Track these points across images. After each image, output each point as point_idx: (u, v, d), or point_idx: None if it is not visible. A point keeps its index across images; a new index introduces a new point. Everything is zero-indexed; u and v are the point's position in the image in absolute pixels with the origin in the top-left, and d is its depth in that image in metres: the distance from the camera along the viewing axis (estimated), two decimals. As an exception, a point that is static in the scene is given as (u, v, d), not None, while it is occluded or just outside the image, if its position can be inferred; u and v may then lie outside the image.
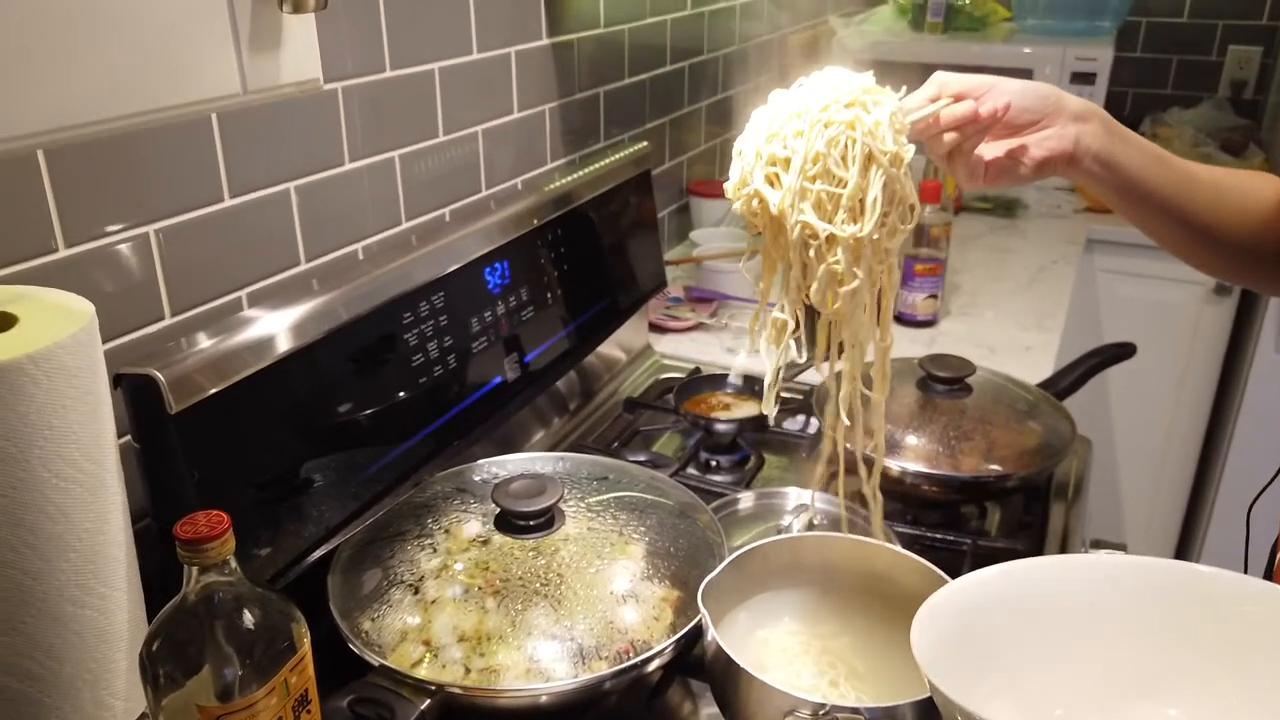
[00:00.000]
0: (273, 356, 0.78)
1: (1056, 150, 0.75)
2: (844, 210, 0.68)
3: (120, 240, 0.79)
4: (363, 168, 1.03)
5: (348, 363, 0.87)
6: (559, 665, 0.72)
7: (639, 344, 1.45)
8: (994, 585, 0.65)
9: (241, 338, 0.77)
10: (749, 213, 0.72)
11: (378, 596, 0.78)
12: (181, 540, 0.53)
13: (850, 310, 0.70)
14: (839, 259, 0.68)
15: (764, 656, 0.73)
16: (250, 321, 0.79)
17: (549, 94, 1.34)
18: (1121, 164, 0.77)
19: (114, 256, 0.79)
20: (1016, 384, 1.12)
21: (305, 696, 0.59)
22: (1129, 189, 0.78)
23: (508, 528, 0.82)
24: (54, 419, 0.58)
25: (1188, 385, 2.14)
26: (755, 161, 0.71)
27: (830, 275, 0.69)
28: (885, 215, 0.68)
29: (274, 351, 0.79)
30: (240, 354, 0.76)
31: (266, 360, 0.78)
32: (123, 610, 0.66)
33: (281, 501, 0.80)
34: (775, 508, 0.99)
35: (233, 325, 0.78)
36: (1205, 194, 0.81)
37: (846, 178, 0.68)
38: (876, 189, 0.67)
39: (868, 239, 0.68)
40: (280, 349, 0.79)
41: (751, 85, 2.12)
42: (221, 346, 0.74)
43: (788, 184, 0.68)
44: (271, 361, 0.78)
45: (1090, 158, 0.75)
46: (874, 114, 0.69)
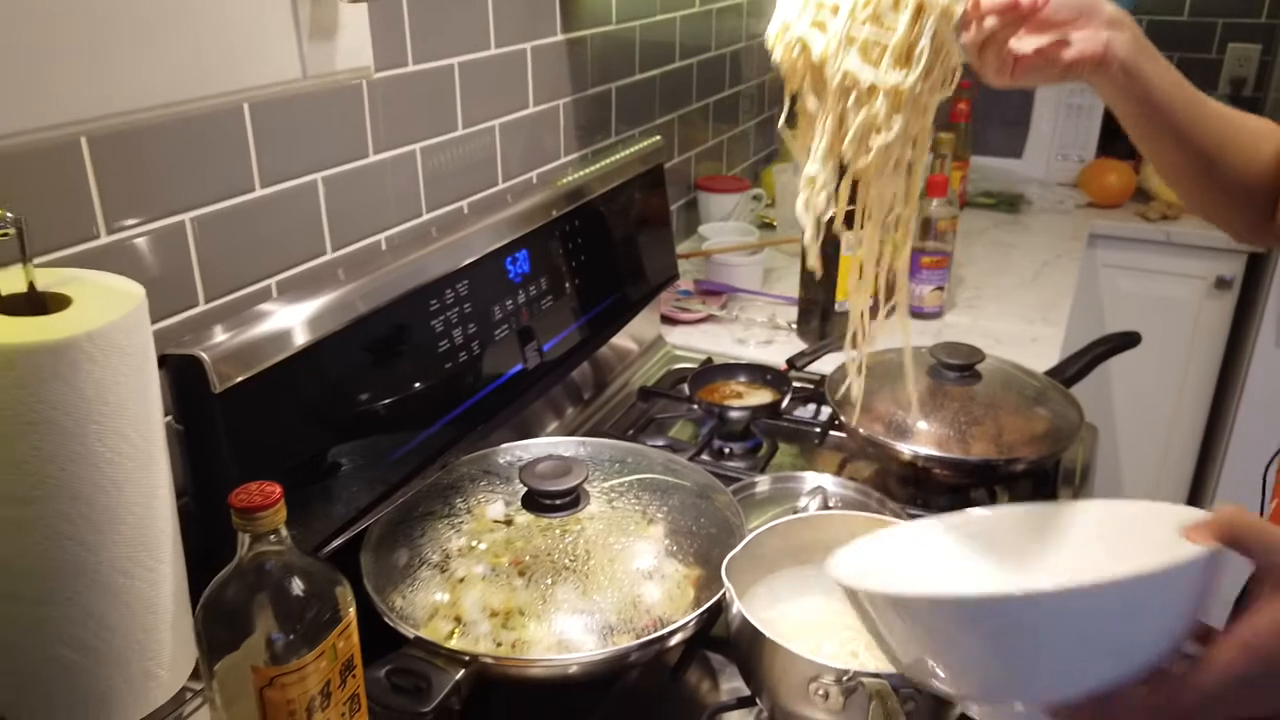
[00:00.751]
0: (304, 343, 0.81)
1: (1088, 52, 0.74)
2: (890, 57, 0.67)
3: (158, 228, 0.81)
4: (386, 160, 1.06)
5: (374, 350, 0.89)
6: (586, 639, 0.75)
7: (651, 335, 1.48)
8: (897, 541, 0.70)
9: (273, 325, 0.79)
10: (788, 61, 0.71)
11: (408, 574, 0.80)
12: (236, 508, 0.55)
13: (880, 165, 0.70)
14: (878, 108, 0.68)
15: (785, 630, 0.75)
16: (281, 310, 0.81)
17: (563, 89, 1.37)
18: (1147, 76, 0.77)
19: (152, 243, 0.81)
20: (1024, 371, 1.15)
21: (351, 662, 0.61)
22: (1147, 103, 0.79)
23: (534, 507, 0.84)
24: (109, 395, 0.61)
25: (1189, 378, 2.16)
26: (803, 6, 0.70)
27: (867, 124, 0.68)
28: (929, 70, 0.68)
29: (304, 338, 0.81)
30: (275, 339, 0.78)
31: (297, 346, 0.80)
32: (169, 583, 0.68)
33: (313, 482, 0.83)
34: (791, 491, 1.01)
35: (265, 312, 0.80)
36: (1214, 124, 0.82)
37: (896, 25, 0.67)
38: (926, 39, 0.67)
39: (910, 90, 0.67)
40: (310, 336, 0.81)
41: (758, 82, 2.15)
42: (256, 332, 0.77)
43: (836, 28, 0.67)
44: (303, 347, 0.81)
45: (1118, 65, 0.75)
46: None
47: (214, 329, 0.76)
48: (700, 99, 1.86)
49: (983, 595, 0.47)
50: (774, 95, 2.28)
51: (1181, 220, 2.13)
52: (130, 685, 0.67)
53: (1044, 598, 0.47)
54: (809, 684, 0.66)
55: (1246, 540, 0.47)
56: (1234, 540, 0.48)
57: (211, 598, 0.57)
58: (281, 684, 0.56)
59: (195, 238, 0.85)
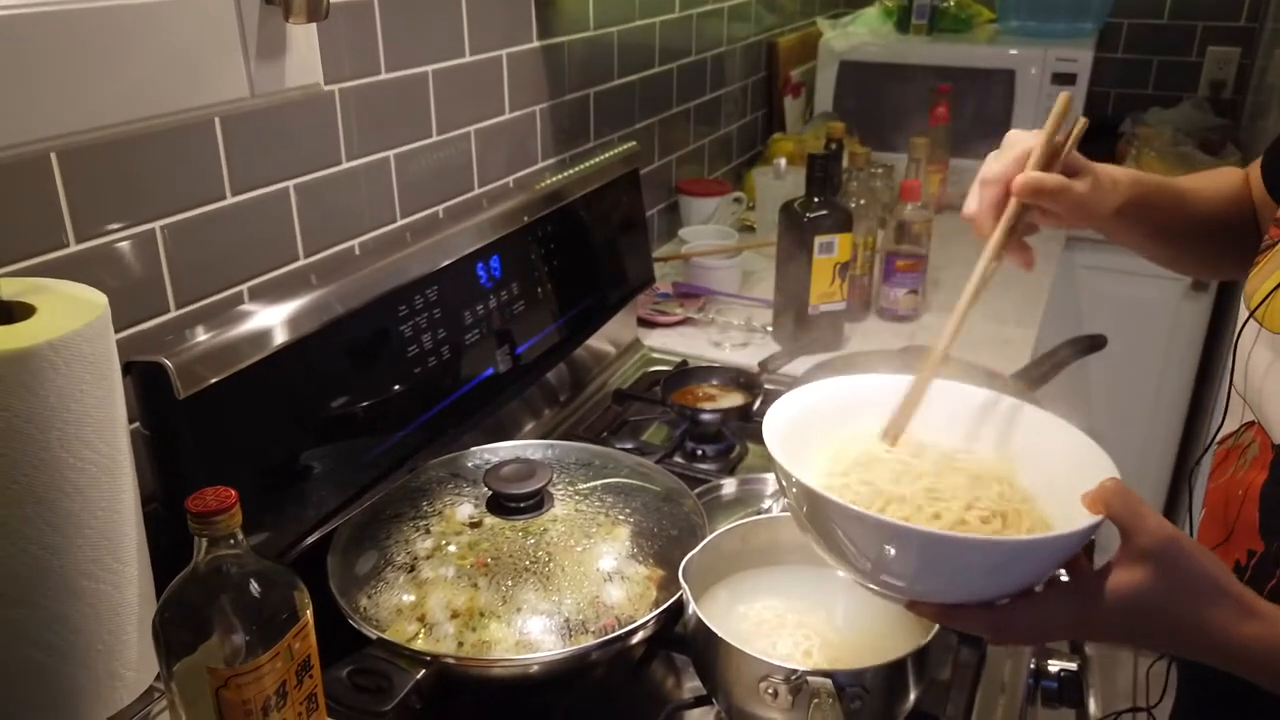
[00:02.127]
0: (273, 347, 0.82)
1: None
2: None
3: (128, 236, 0.83)
4: (359, 167, 1.07)
5: (345, 354, 0.91)
6: (547, 639, 0.76)
7: (628, 338, 1.49)
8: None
9: (244, 329, 0.81)
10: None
11: (374, 576, 0.82)
12: (192, 513, 0.57)
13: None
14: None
15: (742, 630, 0.77)
16: (252, 314, 0.83)
17: (540, 95, 1.38)
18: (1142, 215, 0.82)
19: (122, 252, 0.82)
20: (990, 374, 1.16)
21: (308, 662, 0.62)
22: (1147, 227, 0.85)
23: (499, 510, 0.86)
24: (72, 403, 0.62)
25: (1167, 380, 2.18)
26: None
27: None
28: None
29: (274, 343, 0.82)
30: (243, 345, 0.80)
31: (267, 351, 0.82)
32: (134, 585, 0.69)
33: (283, 485, 0.84)
34: (756, 493, 1.03)
35: (235, 317, 0.82)
36: (1192, 207, 0.87)
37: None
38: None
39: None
40: (280, 340, 0.83)
41: (739, 86, 2.17)
42: (225, 337, 0.78)
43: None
44: (272, 352, 0.82)
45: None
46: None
47: (182, 334, 0.77)
48: (681, 103, 1.88)
49: (907, 527, 0.57)
50: (756, 99, 2.29)
51: (1159, 223, 2.14)
52: (97, 686, 0.69)
53: (952, 541, 0.58)
54: (759, 683, 0.68)
55: (1121, 518, 0.58)
56: (1112, 515, 0.58)
57: (168, 601, 0.58)
58: (237, 684, 0.58)
59: (166, 245, 0.86)
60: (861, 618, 0.76)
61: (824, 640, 0.76)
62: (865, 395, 0.75)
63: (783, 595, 0.82)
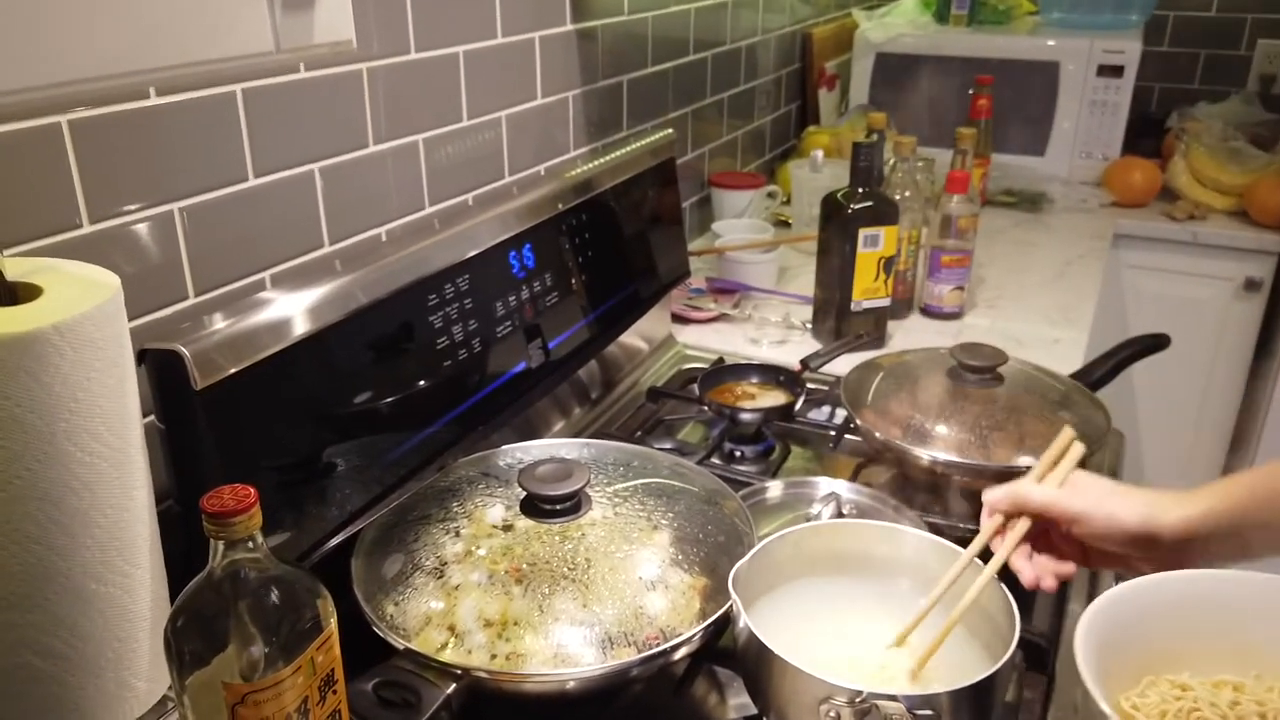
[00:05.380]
0: (296, 337, 0.77)
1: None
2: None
3: (144, 218, 0.78)
4: (386, 151, 1.02)
5: (370, 345, 0.86)
6: (585, 652, 0.71)
7: (661, 334, 1.44)
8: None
9: (264, 317, 0.76)
10: None
11: (401, 580, 0.77)
12: (208, 514, 0.52)
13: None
14: None
15: (796, 645, 0.71)
16: (273, 301, 0.78)
17: (572, 81, 1.33)
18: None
19: (138, 234, 0.78)
20: (1049, 374, 1.10)
21: (331, 676, 0.57)
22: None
23: (533, 512, 0.81)
24: (79, 392, 0.57)
25: (1215, 382, 2.10)
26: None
27: None
28: None
29: (297, 332, 0.78)
30: (263, 334, 0.75)
31: (290, 340, 0.77)
32: (146, 590, 0.65)
33: (304, 483, 0.79)
34: (804, 497, 0.97)
35: (256, 305, 0.77)
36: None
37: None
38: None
39: None
40: (303, 329, 0.78)
41: (773, 77, 2.11)
42: (245, 325, 0.73)
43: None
44: (294, 341, 0.77)
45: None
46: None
47: (200, 321, 0.73)
48: (715, 93, 1.82)
49: None
50: (790, 91, 2.23)
51: (1209, 220, 2.07)
52: (105, 696, 0.64)
53: None
54: (819, 705, 0.62)
55: None
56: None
57: (181, 608, 0.53)
58: (255, 701, 0.53)
59: (184, 228, 0.82)
60: (927, 636, 0.70)
61: (885, 660, 0.71)
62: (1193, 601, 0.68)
63: (838, 608, 0.77)
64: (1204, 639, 0.68)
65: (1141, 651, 0.67)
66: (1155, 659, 0.67)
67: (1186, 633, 0.68)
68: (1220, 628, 0.68)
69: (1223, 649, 0.68)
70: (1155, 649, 0.67)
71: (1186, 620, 0.68)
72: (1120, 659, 0.65)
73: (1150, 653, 0.67)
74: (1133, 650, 0.66)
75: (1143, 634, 0.67)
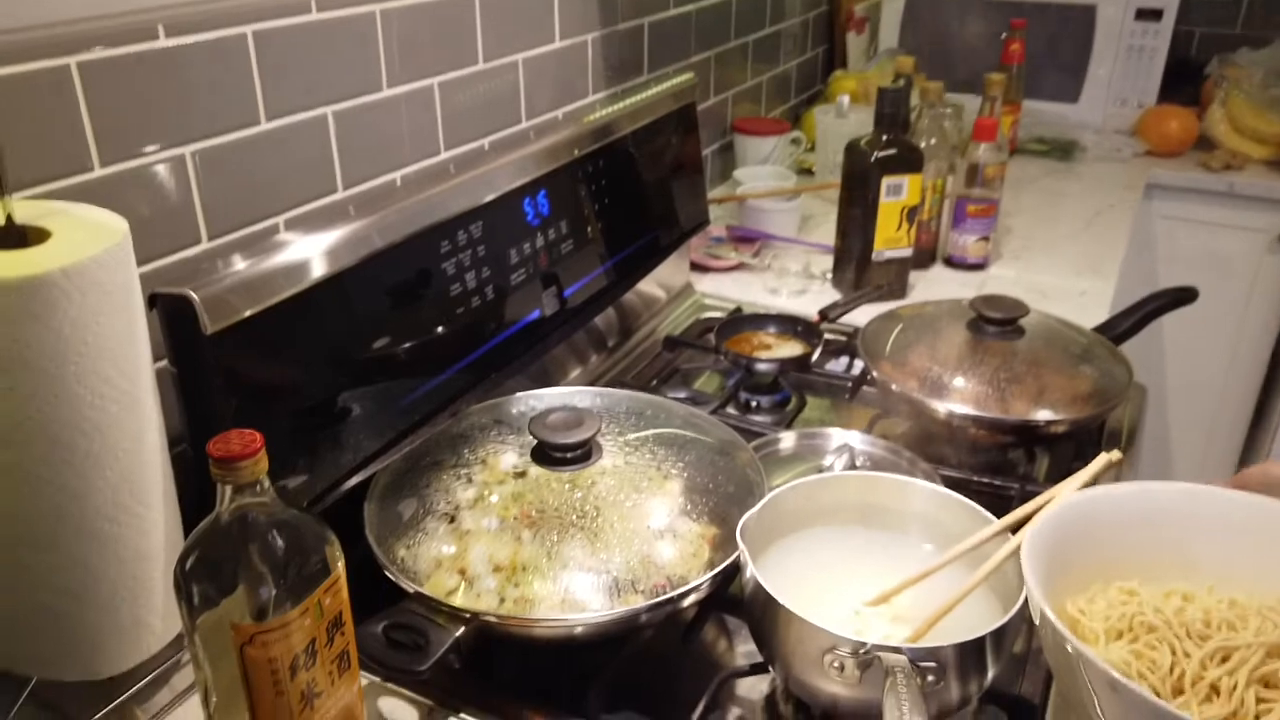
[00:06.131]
0: (308, 281, 0.77)
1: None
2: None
3: (156, 160, 0.78)
4: (401, 94, 1.01)
5: (384, 291, 0.86)
6: (594, 597, 0.72)
7: (679, 283, 1.43)
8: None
9: (278, 261, 0.76)
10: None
11: (413, 525, 0.78)
12: (215, 458, 0.52)
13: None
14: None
15: (804, 596, 0.71)
16: (287, 245, 0.77)
17: (591, 23, 1.30)
18: None
19: (150, 177, 0.78)
20: (1071, 327, 1.08)
21: (339, 619, 0.58)
22: None
23: (544, 460, 0.81)
24: (89, 335, 0.58)
25: (1245, 336, 2.06)
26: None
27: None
28: None
29: (310, 276, 0.77)
30: (277, 277, 0.75)
31: (302, 285, 0.77)
32: (159, 530, 0.66)
33: (317, 428, 0.80)
34: (817, 448, 0.97)
35: (268, 248, 0.76)
36: None
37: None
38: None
39: None
40: (316, 274, 0.78)
41: (799, 20, 2.06)
42: (258, 269, 0.73)
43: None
44: (307, 286, 0.77)
45: None
46: None
47: (213, 265, 0.73)
48: (739, 37, 1.78)
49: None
50: (817, 35, 2.18)
51: (1246, 170, 2.01)
52: (121, 633, 0.65)
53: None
54: (824, 655, 0.62)
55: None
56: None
57: (189, 550, 0.54)
58: (263, 641, 0.53)
59: (197, 172, 0.81)
60: (937, 589, 0.70)
61: (892, 611, 0.71)
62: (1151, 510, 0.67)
63: (847, 559, 0.76)
64: (1153, 551, 0.67)
65: (1091, 561, 0.66)
66: (1105, 568, 0.66)
67: (1136, 544, 0.67)
68: (1170, 540, 0.67)
69: (1172, 561, 0.67)
70: (1105, 559, 0.66)
71: (1136, 532, 0.67)
72: (1068, 568, 0.64)
73: (1100, 562, 0.66)
74: (1081, 559, 0.65)
75: (1092, 544, 0.66)
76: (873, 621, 0.69)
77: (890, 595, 0.70)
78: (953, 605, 0.66)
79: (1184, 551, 0.67)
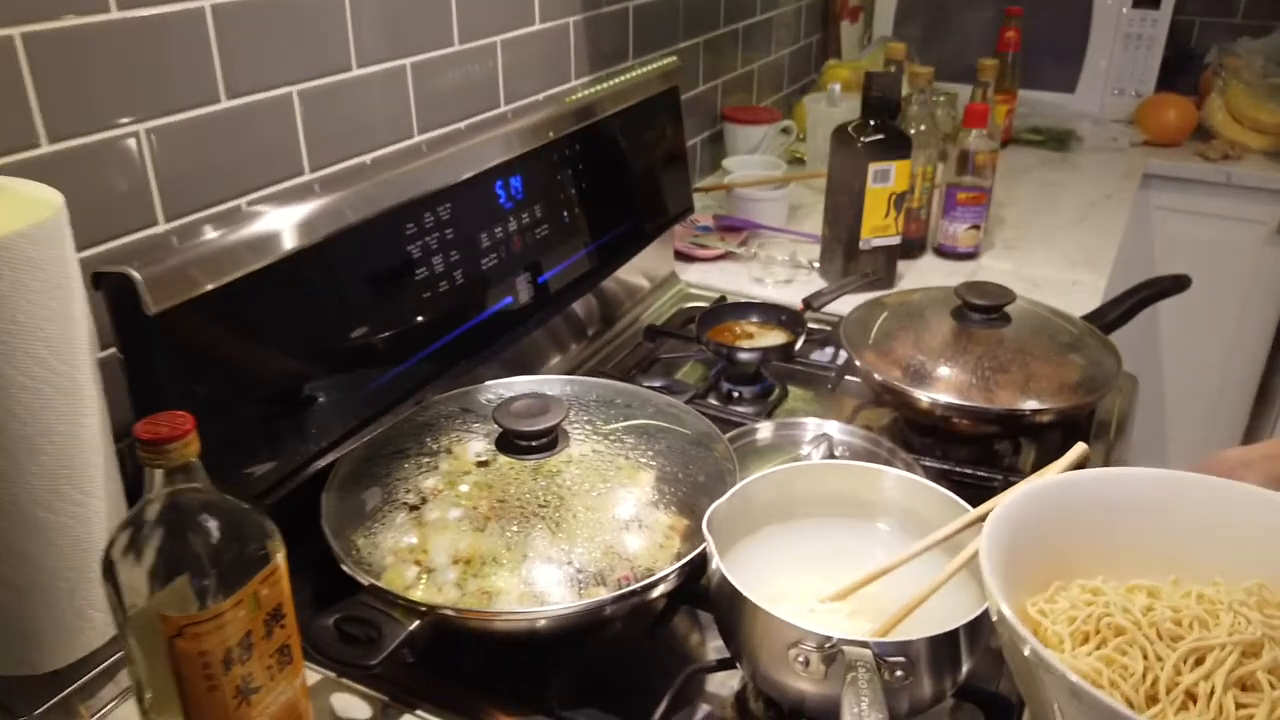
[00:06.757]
0: (263, 261, 0.74)
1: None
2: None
3: (108, 138, 0.75)
4: (372, 75, 0.98)
5: (346, 272, 0.83)
6: (556, 590, 0.69)
7: (663, 271, 1.40)
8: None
9: (232, 238, 0.73)
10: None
11: (374, 515, 0.75)
12: (142, 440, 0.50)
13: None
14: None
15: (773, 589, 0.69)
16: (242, 222, 0.75)
17: (573, 5, 1.28)
18: None
19: (102, 155, 0.75)
20: (1059, 315, 1.06)
21: (278, 611, 0.56)
22: None
23: (509, 449, 0.78)
24: (19, 314, 0.55)
25: (1245, 328, 2.04)
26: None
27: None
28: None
29: (266, 255, 0.75)
30: (229, 255, 0.72)
31: (257, 264, 0.74)
32: (101, 519, 0.63)
33: (274, 415, 0.77)
34: (794, 438, 0.94)
35: (223, 225, 0.74)
36: None
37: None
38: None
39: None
40: (272, 253, 0.75)
41: (792, 8, 2.03)
42: (208, 248, 0.71)
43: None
44: (262, 266, 0.74)
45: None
46: None
47: (158, 245, 0.70)
48: (729, 23, 1.76)
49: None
50: (810, 23, 2.15)
51: (1244, 161, 1.98)
52: (61, 626, 0.63)
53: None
54: (789, 650, 0.60)
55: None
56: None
57: (116, 539, 0.52)
58: (194, 633, 0.51)
59: (152, 151, 0.79)
60: (909, 581, 0.67)
61: (865, 605, 0.68)
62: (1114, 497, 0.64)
63: (821, 552, 0.74)
64: (1113, 541, 0.63)
65: (1049, 556, 0.62)
66: (1064, 564, 0.63)
67: (1095, 535, 0.63)
68: (1130, 529, 0.63)
69: (1134, 551, 0.63)
70: (1064, 553, 0.63)
71: (1094, 522, 0.63)
72: (1027, 564, 0.60)
73: (1059, 557, 0.62)
74: (1040, 555, 0.62)
75: (1049, 537, 0.62)
76: (829, 618, 0.66)
77: (848, 592, 0.67)
78: (922, 599, 0.63)
79: (1146, 541, 0.64)
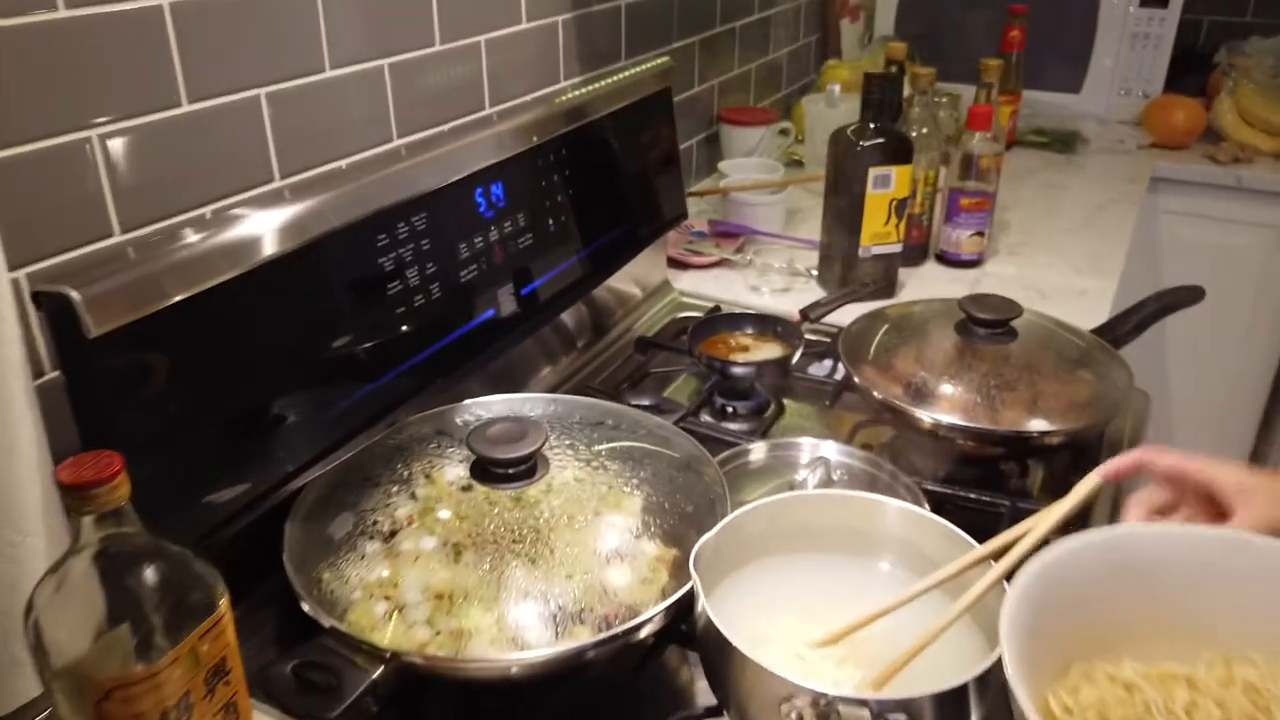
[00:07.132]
0: (226, 273, 0.70)
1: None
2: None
3: (56, 145, 0.70)
4: (347, 76, 0.94)
5: (314, 285, 0.78)
6: (534, 630, 0.64)
7: (656, 279, 1.35)
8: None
9: (192, 250, 0.68)
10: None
11: (342, 546, 0.70)
12: (65, 485, 0.45)
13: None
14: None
15: (762, 631, 0.64)
16: (205, 231, 0.70)
17: (562, 4, 1.23)
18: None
19: (49, 163, 0.70)
20: (1068, 329, 1.01)
21: (222, 666, 0.51)
22: None
23: (485, 477, 0.74)
24: (-64, 340, 0.50)
25: (1255, 337, 1.98)
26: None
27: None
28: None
29: (228, 268, 0.70)
30: (188, 268, 0.67)
31: (219, 277, 0.69)
32: (39, 558, 0.58)
33: (237, 439, 0.72)
34: (790, 460, 0.89)
35: (182, 235, 0.69)
36: None
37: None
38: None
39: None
40: (236, 265, 0.70)
41: (790, 7, 1.98)
42: (158, 264, 0.66)
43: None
44: (224, 279, 0.70)
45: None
46: None
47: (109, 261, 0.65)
48: (725, 23, 1.71)
49: None
50: (809, 22, 2.10)
51: (1255, 163, 1.93)
52: (-6, 674, 0.58)
53: None
54: (780, 704, 0.55)
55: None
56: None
57: (39, 594, 0.47)
58: (124, 697, 0.46)
59: (105, 158, 0.74)
60: (905, 624, 0.62)
61: (857, 650, 0.63)
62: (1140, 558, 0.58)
63: (814, 591, 0.69)
64: (1135, 611, 0.57)
65: (1069, 631, 0.56)
66: (1084, 638, 0.56)
67: (1114, 605, 0.57)
68: (1151, 594, 0.57)
69: (1157, 620, 0.57)
70: (1084, 625, 0.56)
71: (1113, 590, 0.57)
72: (1047, 643, 0.54)
73: (1079, 631, 0.56)
74: (1059, 631, 0.55)
75: (1064, 612, 0.55)
76: (820, 665, 0.62)
77: (841, 636, 0.62)
78: (922, 647, 0.58)
79: (1169, 609, 0.57)
